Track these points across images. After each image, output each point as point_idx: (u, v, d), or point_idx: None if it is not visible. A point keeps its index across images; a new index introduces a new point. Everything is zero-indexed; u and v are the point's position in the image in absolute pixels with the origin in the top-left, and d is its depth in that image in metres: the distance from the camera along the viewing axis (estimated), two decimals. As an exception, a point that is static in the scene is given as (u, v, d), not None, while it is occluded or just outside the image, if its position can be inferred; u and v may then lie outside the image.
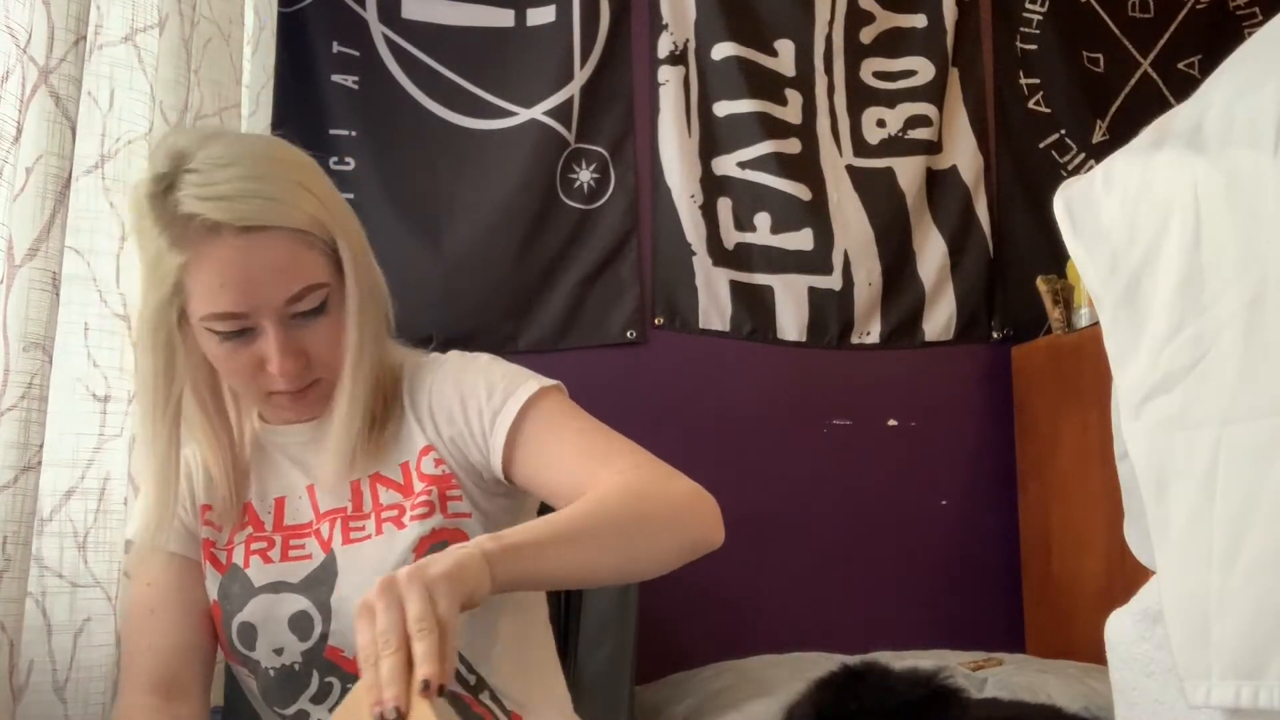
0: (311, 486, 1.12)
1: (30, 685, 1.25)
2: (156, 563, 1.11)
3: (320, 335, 1.04)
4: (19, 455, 1.08)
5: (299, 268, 1.00)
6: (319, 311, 1.03)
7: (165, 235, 0.98)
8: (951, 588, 2.55)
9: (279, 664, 1.05)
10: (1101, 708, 1.70)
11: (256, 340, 1.01)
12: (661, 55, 2.56)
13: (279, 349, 1.00)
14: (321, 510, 1.10)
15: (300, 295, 1.00)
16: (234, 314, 0.99)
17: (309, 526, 1.10)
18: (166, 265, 0.98)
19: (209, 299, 0.98)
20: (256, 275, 0.98)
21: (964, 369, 2.64)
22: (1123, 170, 1.09)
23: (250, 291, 0.98)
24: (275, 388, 1.03)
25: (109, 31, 1.41)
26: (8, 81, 1.14)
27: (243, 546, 1.10)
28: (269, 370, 1.01)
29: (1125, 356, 1.06)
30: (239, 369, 1.03)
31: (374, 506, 1.08)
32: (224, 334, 1.00)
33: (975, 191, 2.69)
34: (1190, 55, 2.82)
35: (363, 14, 2.45)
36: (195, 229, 0.97)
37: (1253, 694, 0.89)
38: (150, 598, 1.09)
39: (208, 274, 0.97)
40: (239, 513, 1.12)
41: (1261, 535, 0.89)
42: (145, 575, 1.11)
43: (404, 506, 1.07)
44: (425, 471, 1.08)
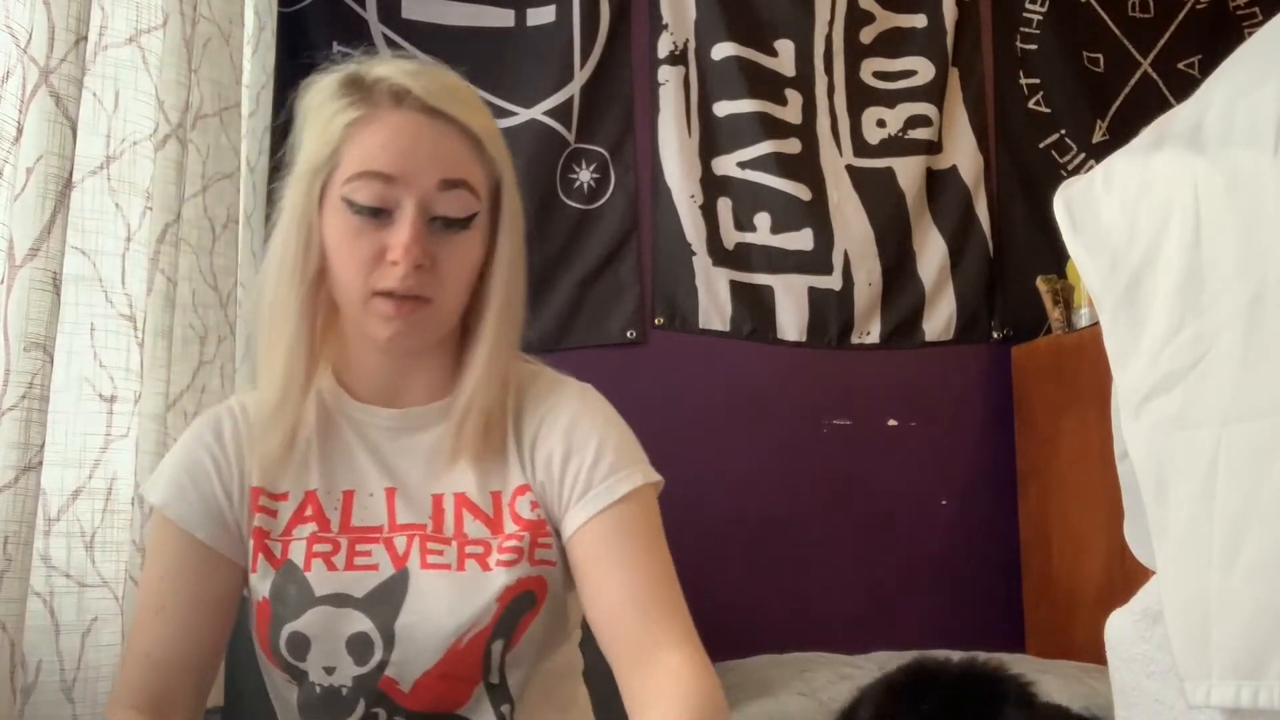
0: (393, 490, 1.02)
1: (38, 685, 1.25)
2: (175, 548, 1.00)
3: (454, 250, 0.96)
4: (20, 455, 1.08)
5: (463, 163, 0.95)
6: (462, 225, 0.96)
7: (346, 98, 0.95)
8: (951, 588, 2.55)
9: (327, 683, 0.97)
10: (1101, 708, 1.70)
11: (389, 228, 0.93)
12: (661, 55, 2.56)
13: (411, 231, 0.92)
14: (399, 520, 1.01)
15: (454, 183, 0.94)
16: (383, 175, 0.92)
17: (378, 532, 1.00)
18: (335, 125, 0.94)
19: (364, 157, 0.93)
20: (422, 149, 0.93)
21: (964, 369, 2.64)
22: (1123, 170, 1.09)
23: (409, 160, 0.93)
24: (385, 284, 0.93)
25: (113, 33, 1.41)
26: (8, 81, 1.14)
27: (303, 544, 0.99)
28: (389, 258, 0.93)
29: (1125, 356, 1.06)
30: (358, 252, 0.94)
31: (456, 533, 1.00)
32: (360, 206, 0.93)
33: (975, 191, 2.69)
34: (1190, 55, 2.82)
35: (363, 14, 2.45)
36: (380, 92, 0.94)
37: (1253, 694, 0.89)
38: (161, 593, 0.99)
39: (374, 133, 0.93)
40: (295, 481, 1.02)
41: (1261, 535, 0.89)
42: (160, 562, 1.00)
43: (490, 545, 0.99)
44: (520, 514, 1.01)
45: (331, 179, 0.95)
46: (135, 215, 1.44)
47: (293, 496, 1.01)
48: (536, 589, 0.98)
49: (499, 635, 0.97)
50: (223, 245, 1.76)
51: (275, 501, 1.01)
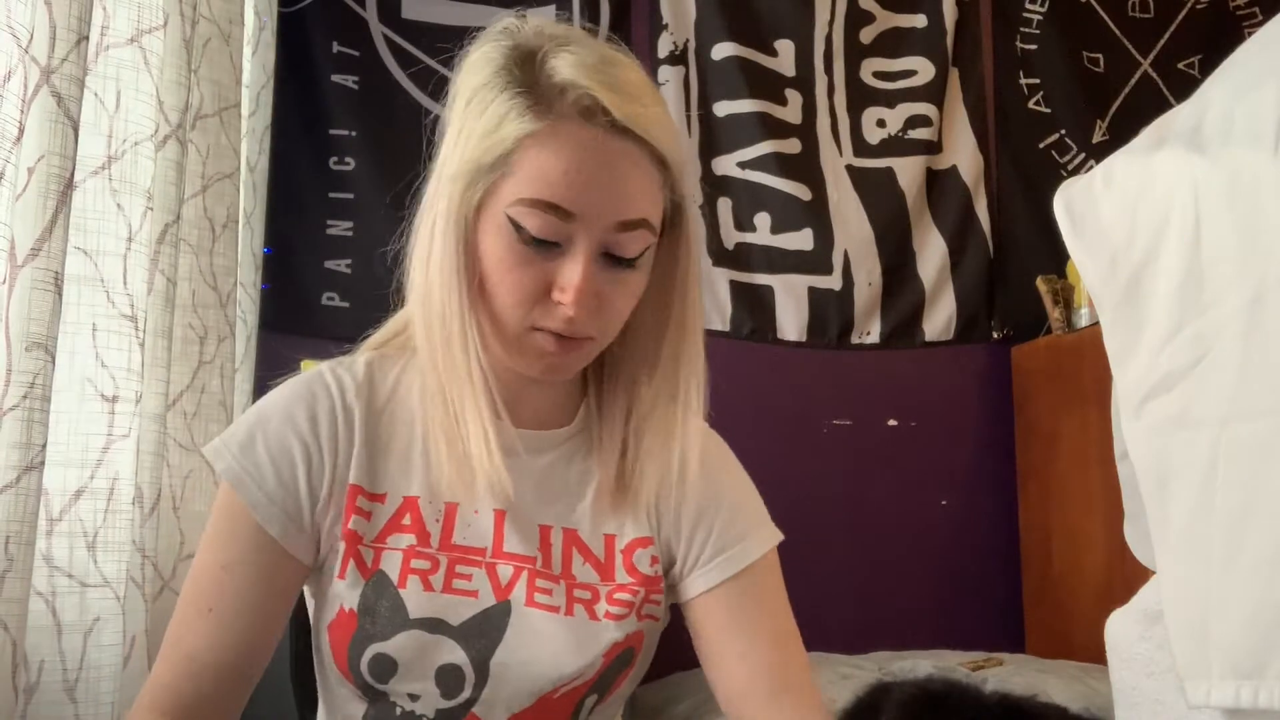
0: (503, 513, 0.92)
1: (40, 685, 1.25)
2: (243, 540, 0.87)
3: (621, 288, 0.86)
4: (21, 455, 1.08)
5: (647, 197, 0.84)
6: (632, 264, 0.86)
7: (521, 99, 0.82)
8: (951, 588, 2.55)
9: (409, 709, 0.89)
10: (1101, 708, 1.70)
11: (558, 259, 0.83)
12: (662, 55, 2.56)
13: (584, 273, 0.82)
14: (506, 548, 0.91)
15: (633, 225, 0.84)
16: (560, 209, 0.81)
17: (481, 555, 0.91)
18: (507, 130, 0.81)
19: (541, 182, 0.81)
20: (605, 182, 0.82)
21: (964, 369, 2.64)
22: (1123, 170, 1.09)
23: (590, 195, 0.81)
24: (549, 323, 0.84)
25: (115, 33, 1.41)
26: (10, 82, 1.14)
27: (400, 556, 0.88)
28: (555, 297, 0.83)
29: (1125, 356, 1.06)
30: (521, 283, 0.84)
31: (564, 574, 0.92)
32: (530, 234, 0.82)
33: (975, 191, 2.69)
34: (1190, 55, 2.82)
35: (363, 14, 2.45)
36: (565, 102, 0.81)
37: (1253, 694, 0.89)
38: (216, 589, 0.87)
39: (555, 154, 0.81)
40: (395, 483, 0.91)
41: (1261, 535, 0.89)
42: (223, 551, 0.88)
43: (599, 592, 0.92)
44: (639, 567, 0.93)
45: (497, 189, 0.83)
46: (137, 215, 1.44)
47: (390, 499, 0.91)
48: (636, 645, 0.93)
49: (595, 690, 0.92)
50: (223, 245, 1.76)
51: (372, 503, 0.90)
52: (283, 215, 2.30)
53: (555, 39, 0.85)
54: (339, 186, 2.39)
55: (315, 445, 0.89)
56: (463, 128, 0.86)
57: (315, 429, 0.89)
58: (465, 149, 0.85)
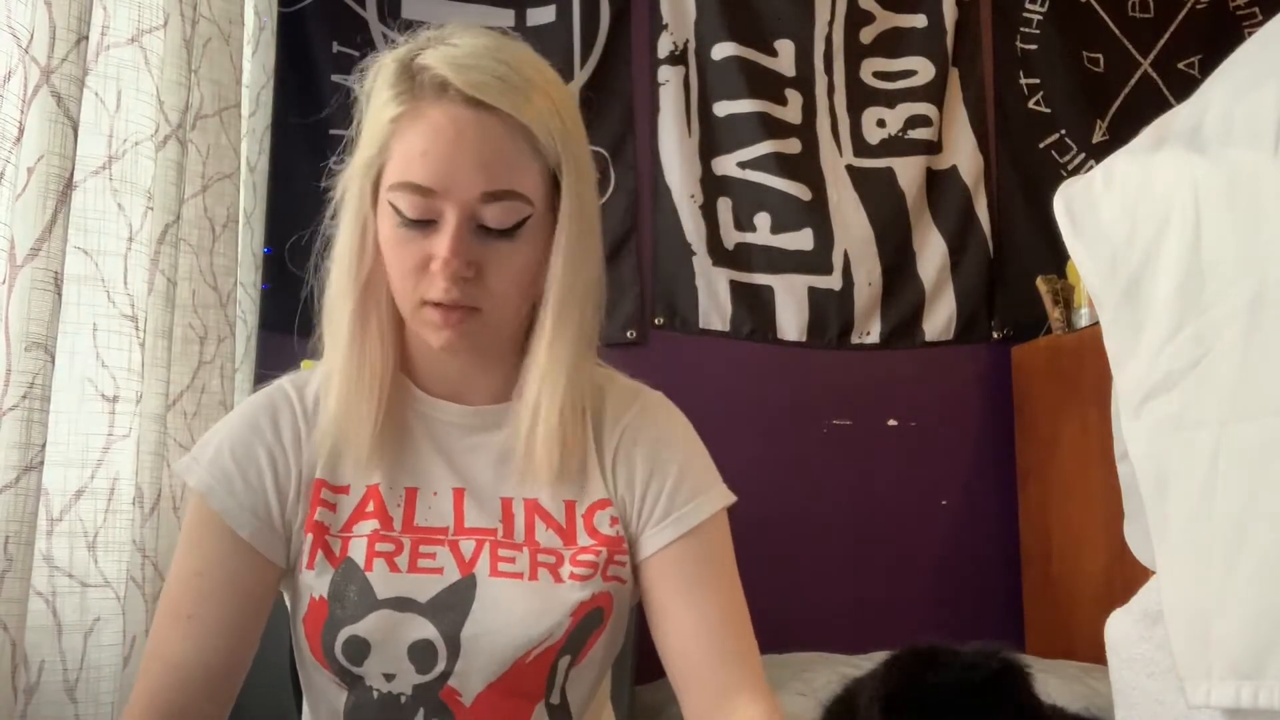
0: (461, 491, 0.96)
1: (40, 685, 1.25)
2: (215, 545, 0.92)
3: (502, 259, 0.90)
4: (21, 455, 1.08)
5: (509, 168, 0.88)
6: (509, 234, 0.89)
7: (392, 89, 0.90)
8: (951, 587, 2.55)
9: (386, 689, 0.92)
10: (1101, 708, 1.70)
11: (434, 235, 0.89)
12: (661, 55, 2.56)
13: (451, 244, 0.87)
14: (467, 524, 0.95)
15: (498, 195, 0.88)
16: (423, 188, 0.87)
17: (443, 534, 0.95)
18: (381, 119, 0.90)
19: (405, 165, 0.88)
20: (462, 155, 0.87)
21: (964, 369, 2.64)
22: (1123, 170, 1.09)
23: (449, 170, 0.87)
24: (430, 295, 0.89)
25: (115, 33, 1.41)
26: (10, 82, 1.14)
27: (364, 542, 0.93)
28: (432, 269, 0.89)
29: (1125, 356, 1.06)
30: (404, 261, 0.90)
31: (527, 540, 0.95)
32: (404, 216, 0.88)
33: (975, 191, 2.69)
34: (1190, 55, 2.82)
35: (363, 14, 2.45)
36: (423, 84, 0.88)
37: (1253, 694, 0.89)
38: (192, 596, 0.91)
39: (415, 135, 0.88)
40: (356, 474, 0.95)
41: (1261, 535, 0.89)
42: (196, 559, 0.92)
43: (562, 555, 0.95)
44: (599, 528, 0.97)
45: (381, 177, 0.91)
46: (137, 215, 1.44)
47: (354, 490, 0.95)
48: (605, 606, 0.95)
49: (567, 651, 0.94)
50: (223, 245, 1.76)
51: (336, 495, 0.95)
52: (283, 215, 2.30)
53: (436, 38, 0.92)
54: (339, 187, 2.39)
55: (279, 448, 0.95)
56: (360, 128, 0.94)
57: (278, 433, 0.95)
58: (360, 146, 0.93)
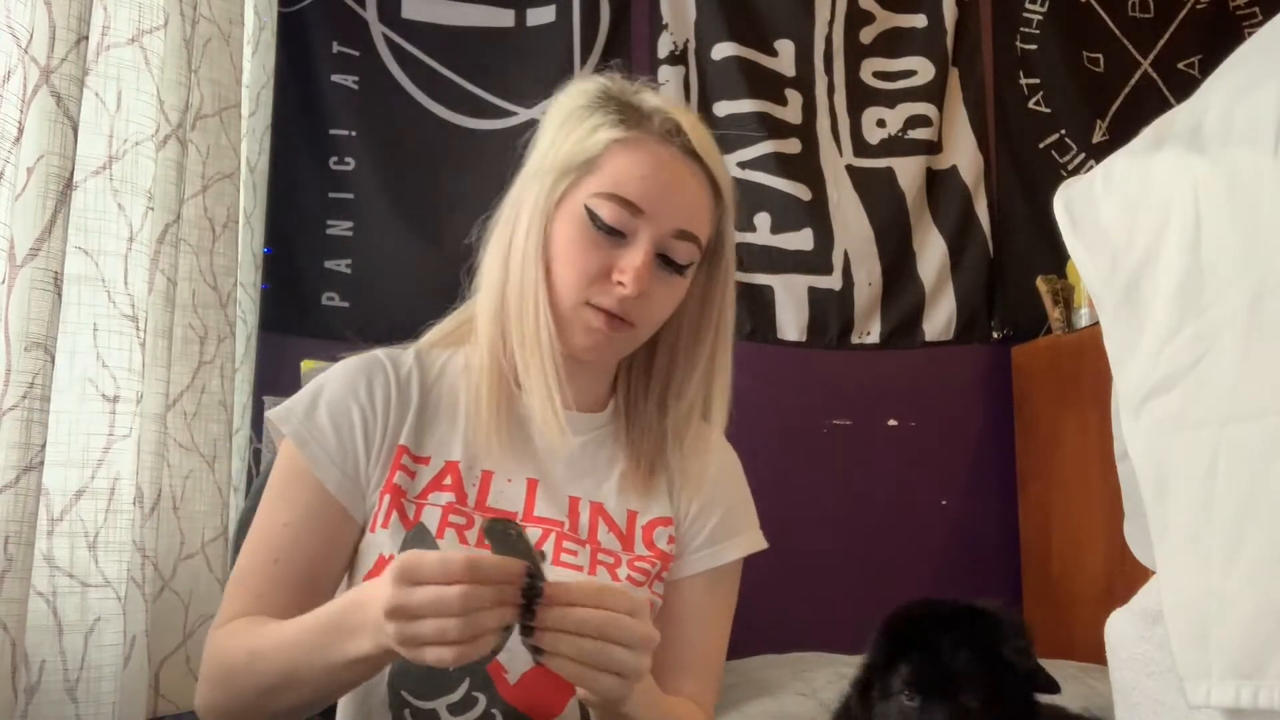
0: (535, 482, 1.03)
1: (41, 685, 1.25)
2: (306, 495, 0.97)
3: (667, 290, 1.00)
4: (21, 455, 1.08)
5: (701, 217, 1.00)
6: (681, 271, 1.00)
7: (614, 115, 0.99)
8: (952, 588, 2.54)
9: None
10: (1101, 708, 1.70)
11: (622, 249, 0.97)
12: (662, 55, 2.56)
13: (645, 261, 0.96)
14: (536, 512, 1.02)
15: (686, 235, 0.99)
16: (632, 205, 0.96)
17: (512, 518, 1.00)
18: (598, 138, 0.98)
19: (621, 179, 0.97)
20: (674, 192, 0.98)
21: (964, 369, 2.64)
22: (1123, 170, 1.09)
23: (658, 200, 0.97)
24: (602, 301, 0.97)
25: (115, 33, 1.41)
26: (9, 82, 1.14)
27: (439, 511, 0.98)
28: (614, 278, 0.96)
29: (1125, 356, 1.06)
30: (587, 263, 0.97)
31: (590, 538, 1.02)
32: (602, 222, 0.96)
33: (975, 191, 2.69)
34: (1190, 55, 2.82)
35: (363, 14, 2.45)
36: (652, 123, 0.99)
37: (1253, 694, 0.89)
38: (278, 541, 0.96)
39: (636, 159, 0.97)
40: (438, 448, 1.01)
41: (1261, 535, 0.89)
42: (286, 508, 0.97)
43: (620, 558, 1.01)
44: (657, 543, 1.04)
45: (578, 185, 0.98)
46: (137, 215, 1.44)
47: (434, 462, 1.01)
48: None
49: None
50: (223, 245, 1.76)
51: (416, 464, 1.00)
52: (283, 215, 2.30)
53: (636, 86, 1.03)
54: (339, 186, 2.39)
55: (371, 410, 1.00)
56: (554, 139, 1.01)
57: (371, 396, 1.00)
58: (557, 153, 1.00)
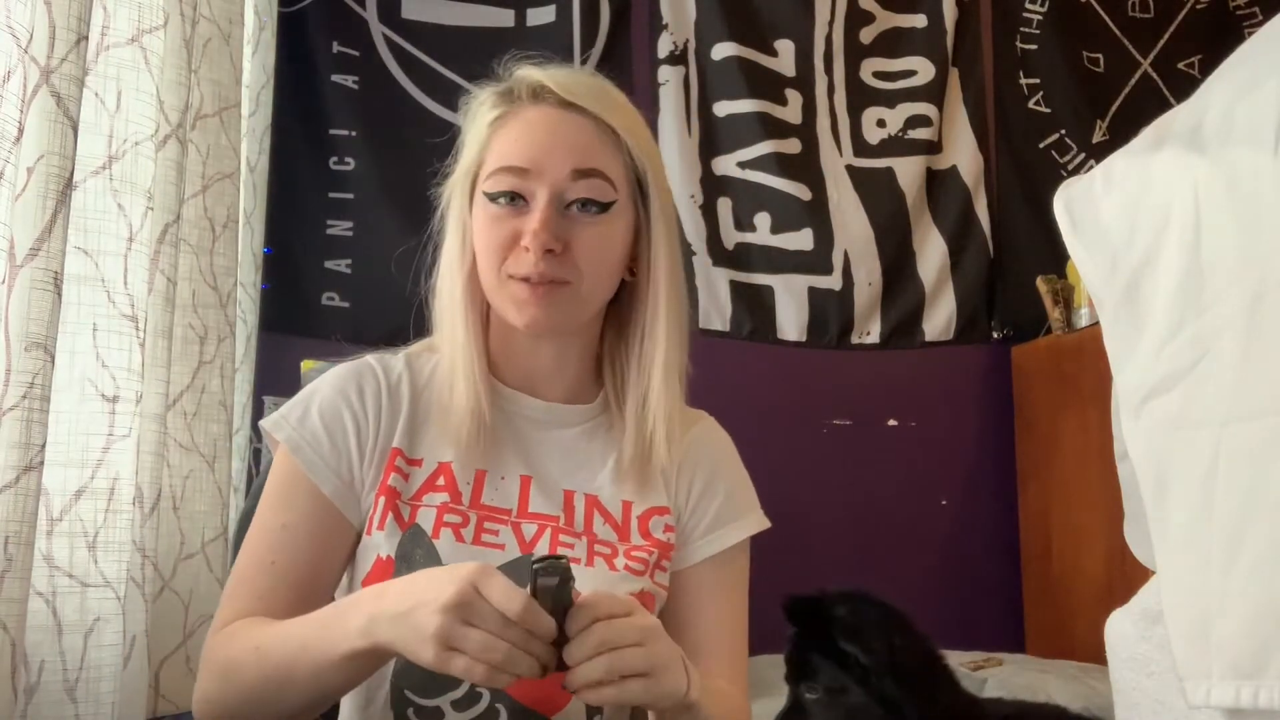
0: (529, 479, 1.03)
1: (40, 685, 1.25)
2: (302, 500, 0.97)
3: (589, 235, 0.98)
4: (21, 455, 1.08)
5: (597, 153, 0.98)
6: (599, 209, 0.98)
7: (491, 99, 1.01)
8: (951, 588, 2.55)
9: None
10: (1101, 708, 1.70)
11: (524, 216, 0.97)
12: (661, 55, 2.56)
13: (541, 218, 0.95)
14: (531, 509, 1.01)
15: (586, 173, 0.97)
16: (516, 168, 0.96)
17: (507, 515, 1.00)
18: (480, 125, 1.01)
19: (502, 153, 0.98)
20: (554, 141, 0.97)
21: (964, 369, 2.64)
22: (1123, 170, 1.09)
23: (541, 153, 0.96)
24: (519, 270, 0.96)
25: (115, 33, 1.41)
26: (9, 82, 1.14)
27: (434, 512, 0.98)
28: (522, 244, 0.95)
29: (1125, 356, 1.06)
30: (493, 238, 0.97)
31: (586, 530, 1.01)
32: (497, 195, 0.97)
33: (975, 191, 2.69)
34: (1190, 55, 2.82)
35: (363, 14, 2.45)
36: (521, 90, 0.99)
37: (1253, 694, 0.89)
38: (277, 544, 0.96)
39: (512, 130, 0.98)
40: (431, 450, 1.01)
41: (1261, 535, 0.89)
42: (283, 511, 0.97)
43: (617, 549, 1.01)
44: (653, 532, 1.03)
45: (479, 178, 1.00)
46: (137, 215, 1.44)
47: (426, 464, 1.01)
48: (648, 605, 0.98)
49: None
50: (223, 245, 1.76)
51: (410, 466, 1.01)
52: (283, 215, 2.30)
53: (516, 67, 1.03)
54: (339, 186, 2.39)
55: (363, 414, 1.00)
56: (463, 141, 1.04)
57: (363, 401, 1.01)
58: (463, 158, 1.03)
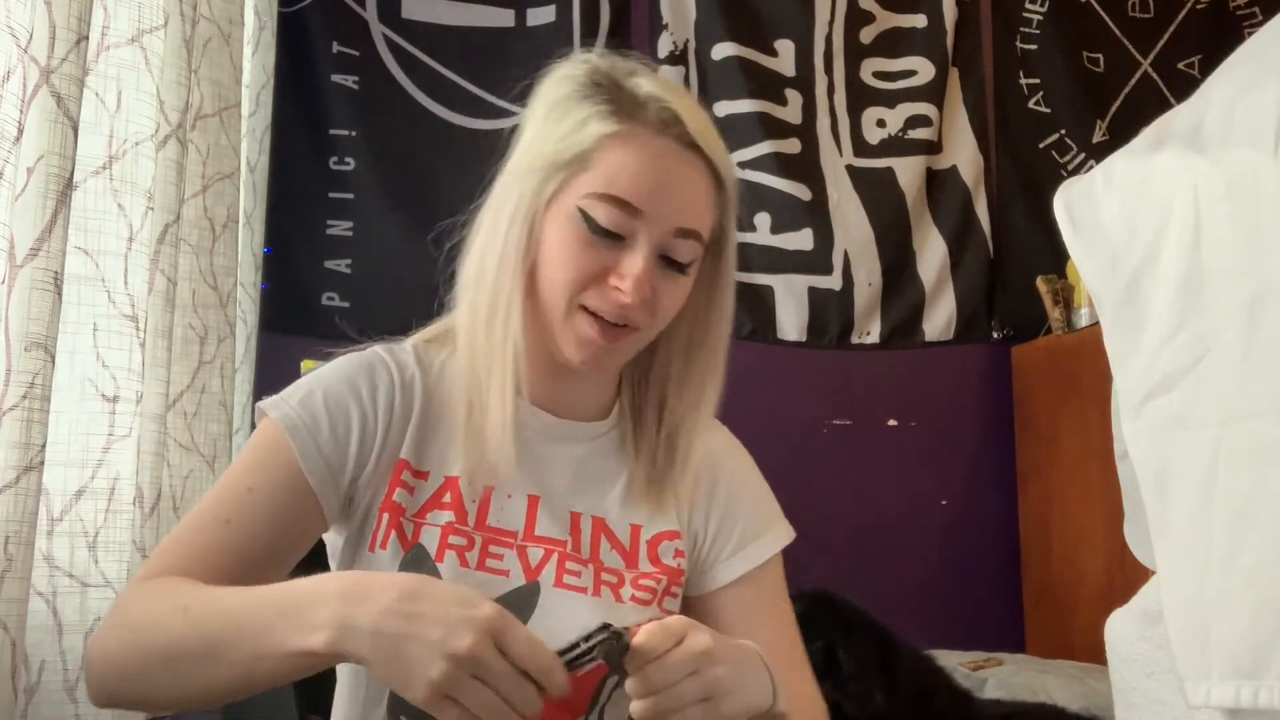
0: (536, 499, 0.97)
1: (41, 685, 1.25)
2: (281, 475, 0.89)
3: (671, 290, 0.93)
4: (21, 455, 1.08)
5: (703, 211, 0.92)
6: (683, 269, 0.93)
7: (606, 105, 0.90)
8: (951, 588, 2.55)
9: None
10: (1101, 708, 1.70)
11: (619, 252, 0.90)
12: (662, 55, 2.56)
13: (646, 265, 0.89)
14: (537, 531, 0.96)
15: (688, 233, 0.91)
16: (630, 205, 0.88)
17: (513, 538, 0.95)
18: (588, 130, 0.90)
19: (615, 178, 0.89)
20: (672, 188, 0.90)
21: (964, 369, 2.64)
22: (1123, 170, 1.09)
23: (657, 198, 0.89)
24: (599, 305, 0.90)
25: (116, 33, 1.41)
26: (9, 81, 1.14)
27: (438, 532, 0.92)
28: (610, 282, 0.89)
29: (1125, 356, 1.06)
30: (580, 265, 0.90)
31: (593, 557, 0.97)
32: (598, 224, 0.89)
33: (975, 191, 2.69)
34: (1190, 55, 2.82)
35: (363, 14, 2.45)
36: (646, 112, 0.90)
37: (1253, 694, 0.89)
38: (238, 504, 0.88)
39: (631, 155, 0.89)
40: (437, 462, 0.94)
41: (1261, 535, 0.89)
42: (255, 476, 0.89)
43: (624, 577, 0.97)
44: (662, 558, 0.99)
45: (570, 184, 0.90)
46: (138, 215, 1.44)
47: (432, 477, 0.95)
48: None
49: (615, 671, 0.93)
50: (223, 245, 1.76)
51: (416, 479, 0.94)
52: (283, 215, 2.30)
53: (627, 68, 0.94)
54: (339, 186, 2.39)
55: (373, 414, 0.93)
56: (539, 132, 0.93)
57: (374, 399, 0.93)
58: (543, 148, 0.92)
